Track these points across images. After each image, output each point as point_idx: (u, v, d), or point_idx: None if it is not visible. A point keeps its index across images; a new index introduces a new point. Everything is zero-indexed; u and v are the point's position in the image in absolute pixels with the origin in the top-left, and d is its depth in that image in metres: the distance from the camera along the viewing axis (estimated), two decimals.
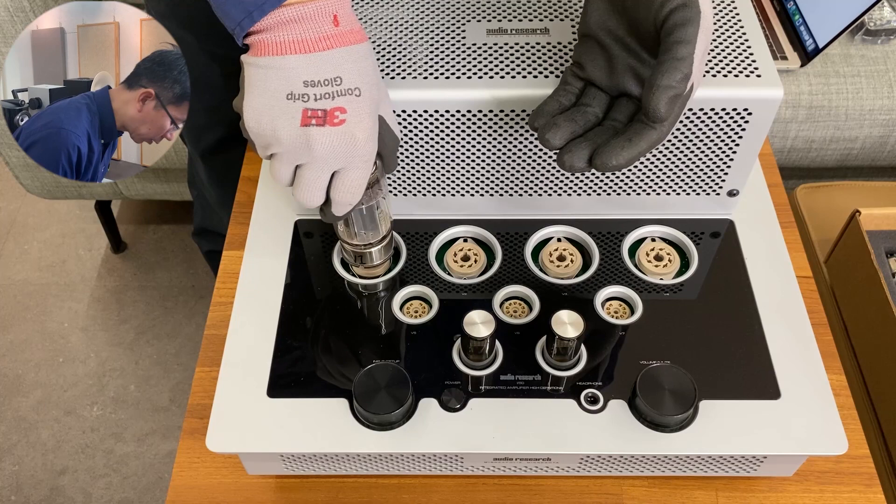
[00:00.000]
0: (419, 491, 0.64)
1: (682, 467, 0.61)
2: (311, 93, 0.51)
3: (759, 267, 0.67)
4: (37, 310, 1.63)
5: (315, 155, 0.52)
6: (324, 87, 0.51)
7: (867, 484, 0.63)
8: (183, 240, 1.75)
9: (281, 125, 0.52)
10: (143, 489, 1.40)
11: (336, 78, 0.51)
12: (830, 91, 1.27)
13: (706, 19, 0.50)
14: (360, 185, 0.55)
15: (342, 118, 0.51)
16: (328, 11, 0.51)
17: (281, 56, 0.50)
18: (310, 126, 0.51)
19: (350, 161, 0.54)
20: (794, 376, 0.60)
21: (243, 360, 0.62)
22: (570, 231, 0.69)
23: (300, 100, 0.51)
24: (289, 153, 0.53)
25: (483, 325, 0.57)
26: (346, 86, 0.51)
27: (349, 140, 0.52)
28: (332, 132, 0.52)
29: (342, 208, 0.57)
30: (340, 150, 0.53)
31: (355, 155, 0.53)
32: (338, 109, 0.51)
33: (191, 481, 0.64)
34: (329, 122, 0.51)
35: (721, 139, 0.63)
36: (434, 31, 0.65)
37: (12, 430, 1.47)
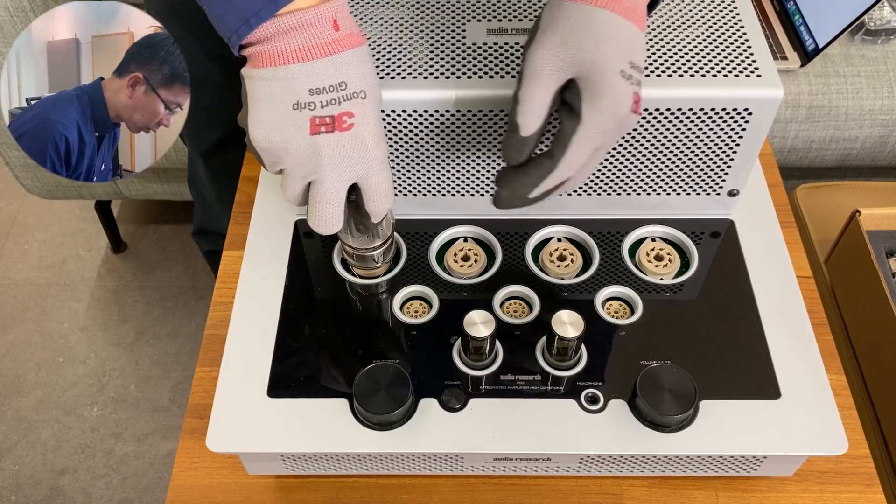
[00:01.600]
0: (419, 491, 0.64)
1: (682, 467, 0.61)
2: (318, 100, 0.50)
3: (759, 267, 0.67)
4: (37, 310, 1.63)
5: (325, 164, 0.51)
6: (329, 94, 0.50)
7: (867, 484, 0.63)
8: (183, 240, 1.75)
9: (290, 137, 0.51)
10: (143, 489, 1.40)
11: (341, 83, 0.50)
12: (830, 91, 1.27)
13: (593, 122, 0.51)
14: (388, 188, 0.55)
15: (350, 122, 0.51)
16: (328, 17, 0.50)
17: (284, 66, 0.49)
18: (319, 134, 0.50)
19: (366, 167, 0.53)
20: (794, 376, 0.60)
21: (243, 360, 0.62)
22: (570, 231, 0.69)
23: (307, 108, 0.50)
24: (299, 166, 0.52)
25: (483, 325, 0.57)
26: (352, 90, 0.51)
27: (359, 144, 0.51)
28: (341, 138, 0.51)
29: (378, 217, 0.56)
30: (352, 155, 0.52)
31: (369, 159, 0.52)
32: (345, 114, 0.50)
33: (191, 481, 0.64)
34: (338, 127, 0.50)
35: (721, 139, 0.63)
36: (434, 31, 0.65)
37: (12, 430, 1.47)
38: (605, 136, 0.52)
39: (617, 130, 0.53)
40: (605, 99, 0.50)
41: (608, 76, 0.50)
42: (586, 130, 0.51)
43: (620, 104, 0.51)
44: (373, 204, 0.55)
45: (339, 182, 0.53)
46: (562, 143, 0.52)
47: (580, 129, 0.51)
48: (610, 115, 0.51)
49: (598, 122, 0.51)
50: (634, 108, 0.52)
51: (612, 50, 0.50)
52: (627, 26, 0.51)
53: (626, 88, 0.51)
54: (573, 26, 0.50)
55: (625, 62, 0.50)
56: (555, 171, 0.53)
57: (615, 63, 0.50)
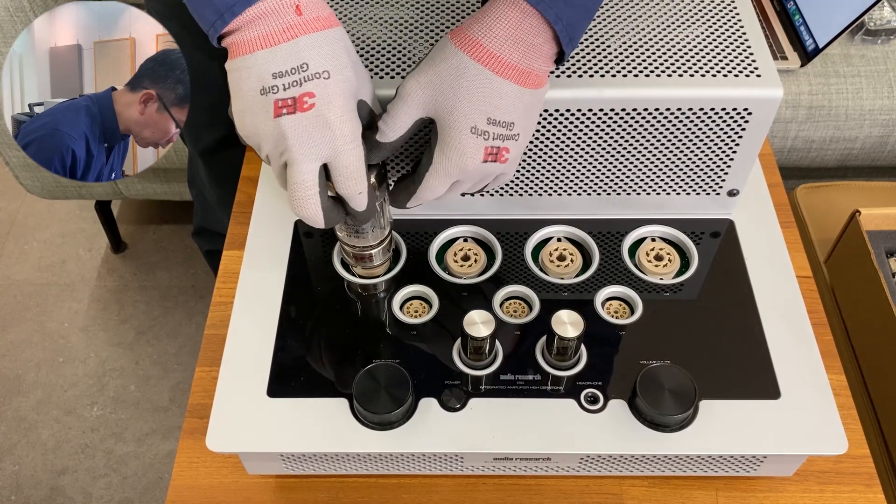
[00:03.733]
0: (419, 491, 0.64)
1: (682, 467, 0.61)
2: (280, 83, 0.51)
3: (759, 267, 0.67)
4: (37, 310, 1.63)
5: (291, 145, 0.52)
6: (291, 76, 0.51)
7: (867, 484, 0.63)
8: (183, 240, 1.75)
9: (259, 121, 0.52)
10: (143, 489, 1.40)
11: (302, 65, 0.51)
12: (830, 91, 1.27)
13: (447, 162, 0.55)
14: (357, 170, 0.54)
15: (311, 103, 0.51)
16: (291, 3, 0.51)
17: (251, 54, 0.51)
18: (282, 116, 0.51)
19: (332, 146, 0.52)
20: (794, 376, 0.60)
21: (243, 360, 0.62)
22: (570, 231, 0.69)
23: (271, 92, 0.51)
24: (272, 149, 0.53)
25: (483, 325, 0.57)
26: (314, 70, 0.51)
27: (321, 123, 0.51)
28: (303, 118, 0.51)
29: (356, 201, 0.56)
30: (315, 135, 0.52)
31: (333, 138, 0.52)
32: (306, 95, 0.51)
33: (191, 481, 0.64)
34: (299, 108, 0.51)
35: (721, 139, 0.63)
36: (434, 31, 0.65)
37: (12, 430, 1.47)
38: (461, 177, 0.57)
39: (474, 177, 0.57)
40: (452, 151, 0.55)
41: (457, 130, 0.54)
42: (436, 172, 0.56)
43: (465, 158, 0.55)
44: (342, 186, 0.55)
45: (308, 163, 0.53)
46: (419, 175, 0.57)
47: (431, 168, 0.56)
48: (456, 164, 0.55)
49: (447, 168, 0.56)
50: (493, 159, 0.56)
51: (469, 106, 0.53)
52: (499, 84, 0.53)
53: (474, 144, 0.54)
54: (445, 72, 0.54)
55: (481, 119, 0.54)
56: (415, 196, 0.58)
57: (468, 119, 0.54)
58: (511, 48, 0.53)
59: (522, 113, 0.55)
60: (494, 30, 0.53)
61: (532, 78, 0.54)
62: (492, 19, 0.53)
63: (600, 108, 0.61)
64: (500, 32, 0.53)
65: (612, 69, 0.61)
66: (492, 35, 0.53)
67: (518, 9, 0.52)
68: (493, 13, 0.53)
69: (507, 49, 0.53)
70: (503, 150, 0.56)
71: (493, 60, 0.53)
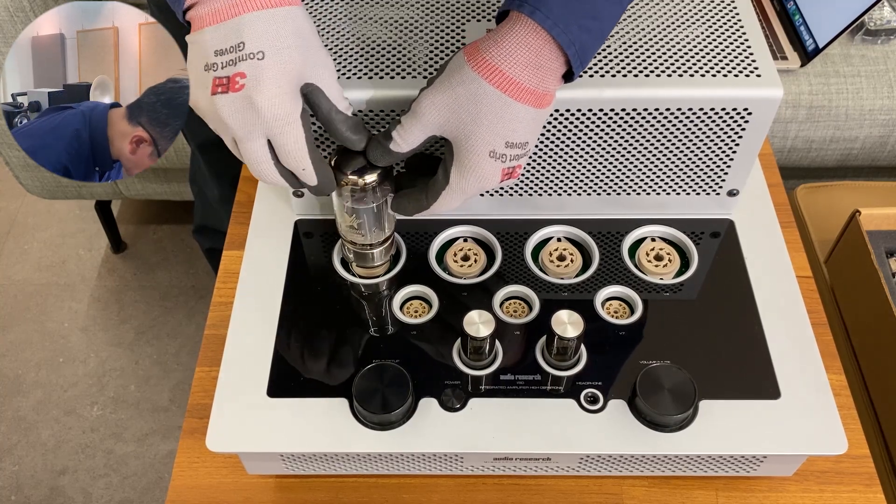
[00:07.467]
0: (419, 491, 0.64)
1: (682, 467, 0.61)
2: (219, 61, 0.51)
3: (759, 267, 0.67)
4: (37, 310, 1.63)
5: (228, 123, 0.52)
6: (228, 55, 0.51)
7: (867, 484, 0.63)
8: (183, 240, 1.75)
9: (200, 97, 0.52)
10: (143, 489, 1.40)
11: (239, 44, 0.51)
12: (830, 91, 1.27)
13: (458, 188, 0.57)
14: (294, 150, 0.54)
15: (241, 83, 0.51)
16: None
17: (200, 30, 0.51)
18: (216, 94, 0.51)
19: (264, 127, 0.52)
20: (794, 376, 0.60)
21: (243, 360, 0.62)
22: (570, 231, 0.69)
23: (212, 69, 0.51)
24: (214, 125, 0.53)
25: (483, 325, 0.57)
26: (248, 50, 0.51)
27: (249, 105, 0.51)
28: (234, 98, 0.51)
29: (303, 176, 0.56)
30: (245, 116, 0.52)
31: (263, 120, 0.52)
32: (238, 75, 0.51)
33: (191, 481, 0.64)
34: (231, 88, 0.51)
35: (721, 139, 0.63)
36: (434, 31, 0.65)
37: (12, 430, 1.47)
38: (476, 195, 0.58)
39: (487, 189, 0.58)
40: (471, 174, 0.56)
41: (476, 154, 0.55)
42: (451, 191, 0.57)
43: (484, 181, 0.56)
44: (284, 163, 0.55)
45: (250, 141, 0.53)
46: (433, 193, 0.58)
47: (448, 189, 0.57)
48: (474, 186, 0.56)
49: (463, 189, 0.57)
50: (508, 177, 0.57)
51: (489, 132, 0.54)
52: (517, 109, 0.53)
53: (492, 168, 0.55)
54: (462, 96, 0.54)
55: (499, 144, 0.54)
56: (427, 210, 0.59)
57: (487, 144, 0.54)
58: (530, 74, 0.53)
59: (535, 130, 0.56)
60: (514, 56, 0.52)
61: (546, 99, 0.55)
62: (512, 45, 0.52)
63: (600, 108, 0.61)
64: (521, 59, 0.52)
65: (612, 69, 0.61)
66: (512, 61, 0.52)
67: (538, 36, 0.52)
68: (512, 38, 0.53)
69: (525, 75, 0.53)
70: (517, 167, 0.57)
71: (512, 86, 0.53)
